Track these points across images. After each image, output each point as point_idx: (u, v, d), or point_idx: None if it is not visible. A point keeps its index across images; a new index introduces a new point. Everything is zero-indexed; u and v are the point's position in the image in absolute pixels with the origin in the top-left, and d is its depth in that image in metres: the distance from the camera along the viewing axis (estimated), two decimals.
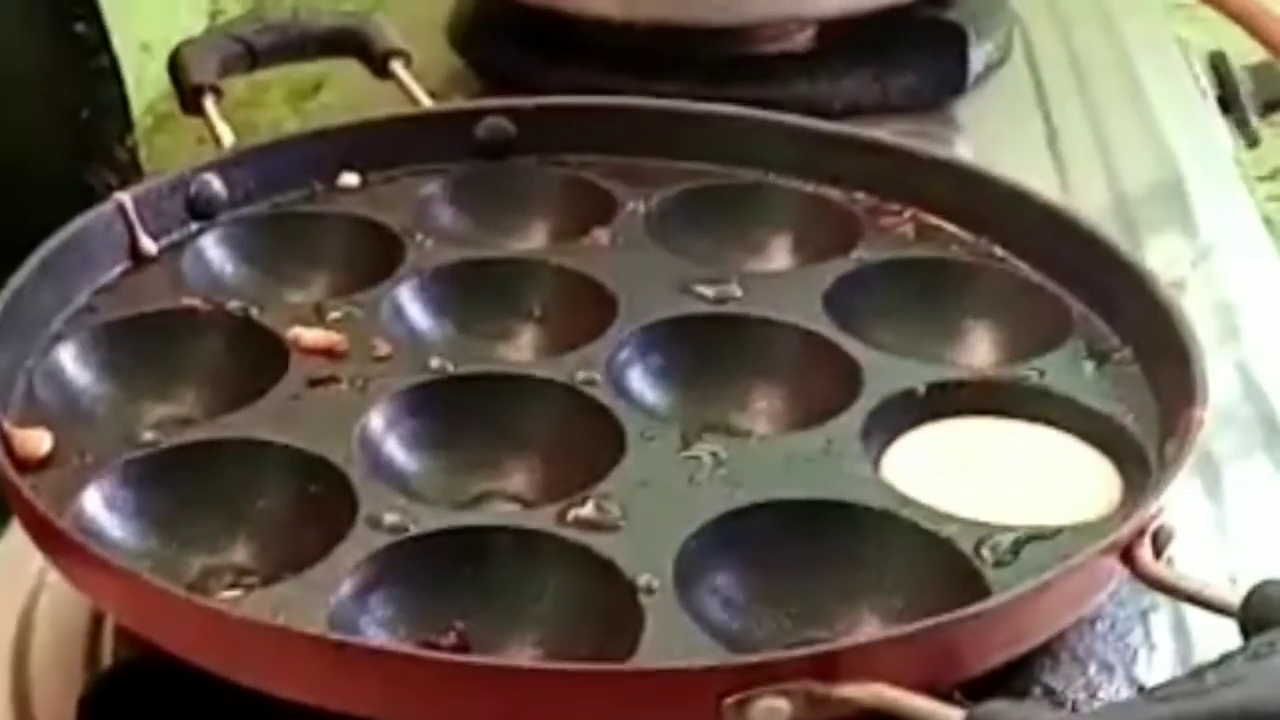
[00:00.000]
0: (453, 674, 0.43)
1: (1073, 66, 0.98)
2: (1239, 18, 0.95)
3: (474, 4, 0.93)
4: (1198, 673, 0.40)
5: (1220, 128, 0.96)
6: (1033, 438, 0.56)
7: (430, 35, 0.92)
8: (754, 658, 0.44)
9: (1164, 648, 0.54)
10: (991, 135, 0.89)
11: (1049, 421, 0.56)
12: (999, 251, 0.64)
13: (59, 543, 0.49)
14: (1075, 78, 0.97)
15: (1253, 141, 0.99)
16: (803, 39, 0.91)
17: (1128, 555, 0.47)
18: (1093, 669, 0.52)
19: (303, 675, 0.45)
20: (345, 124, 0.71)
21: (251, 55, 0.74)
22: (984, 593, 0.48)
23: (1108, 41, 1.01)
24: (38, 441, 0.53)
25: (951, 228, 0.65)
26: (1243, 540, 0.62)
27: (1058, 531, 0.50)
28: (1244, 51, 1.00)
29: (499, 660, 0.43)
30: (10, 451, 0.52)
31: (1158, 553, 0.48)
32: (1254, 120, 0.98)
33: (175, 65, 0.72)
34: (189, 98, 0.71)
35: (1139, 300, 0.58)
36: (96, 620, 0.56)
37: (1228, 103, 0.98)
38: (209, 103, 0.70)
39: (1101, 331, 0.59)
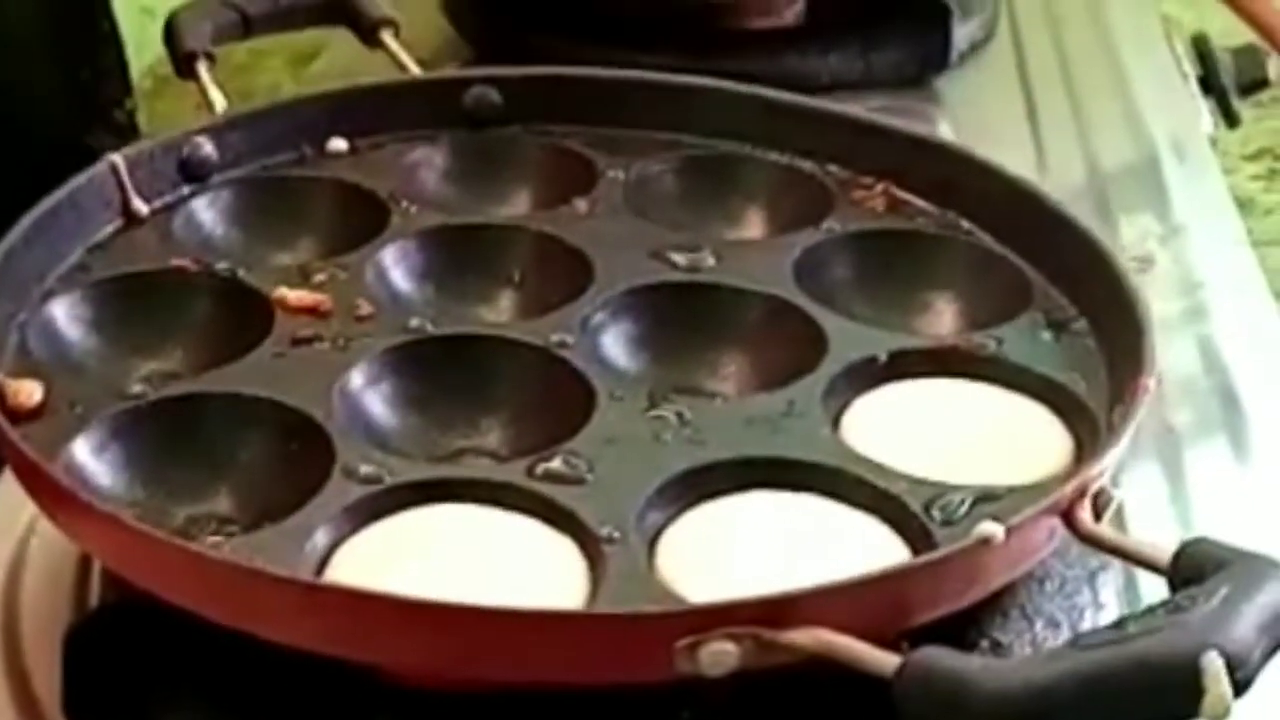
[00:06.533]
0: (417, 614, 0.45)
1: (1056, 46, 1.00)
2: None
3: None
4: (1120, 623, 0.42)
5: (1200, 109, 0.98)
6: (990, 401, 0.58)
7: (423, 3, 0.94)
8: (704, 603, 0.46)
9: (1110, 608, 0.55)
10: (973, 112, 0.91)
11: (1006, 387, 0.58)
12: (965, 224, 0.66)
13: (47, 488, 0.51)
14: (1058, 57, 0.99)
15: (1233, 122, 1.01)
16: (790, 13, 0.93)
17: (1069, 515, 0.49)
18: (1039, 626, 0.54)
19: (276, 615, 0.47)
20: (334, 90, 0.72)
21: (245, 23, 0.76)
22: (933, 550, 0.50)
23: (1092, 21, 1.03)
24: (29, 392, 0.55)
25: (921, 201, 0.67)
26: (1199, 514, 0.64)
27: (1006, 492, 0.52)
28: (1229, 32, 1.02)
29: (460, 601, 0.45)
30: (3, 401, 0.54)
31: (1098, 514, 0.50)
32: (1234, 101, 1.00)
33: (170, 31, 0.74)
34: (183, 64, 0.73)
35: (1097, 273, 0.60)
36: (84, 565, 0.58)
37: (1209, 84, 1.00)
38: (202, 69, 0.72)
39: (1060, 303, 0.61)
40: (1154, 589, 0.54)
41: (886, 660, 0.43)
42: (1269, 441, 0.68)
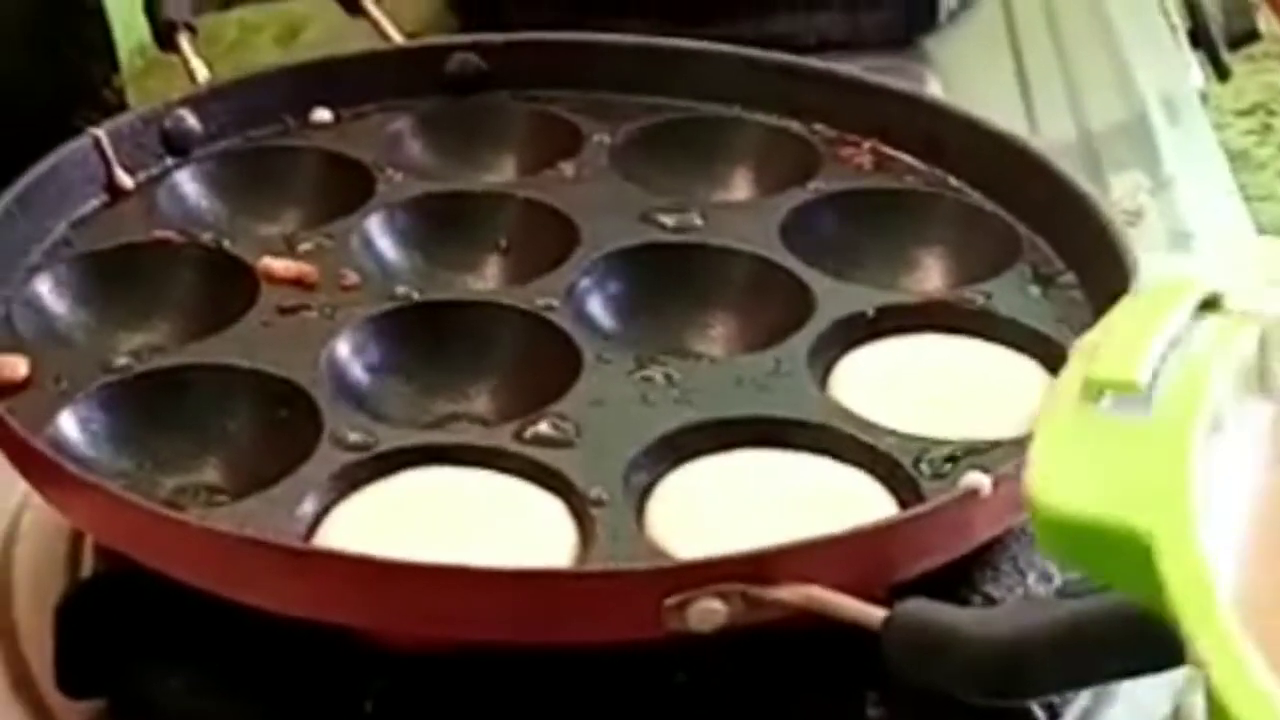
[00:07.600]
0: (406, 576, 0.45)
1: (1044, 3, 0.99)
2: None
3: None
4: None
5: (1189, 63, 0.97)
6: (978, 356, 0.57)
7: None
8: (692, 560, 0.46)
9: None
10: (962, 72, 0.91)
11: (994, 341, 0.58)
12: (953, 181, 0.65)
13: (34, 462, 0.51)
14: (1046, 14, 0.98)
15: (1224, 75, 1.00)
16: None
17: None
18: (1032, 579, 0.53)
19: (266, 582, 0.47)
20: (317, 60, 0.72)
21: None
22: (921, 504, 0.50)
23: None
24: (14, 367, 0.55)
25: (908, 158, 0.67)
26: None
27: (993, 445, 0.52)
28: None
29: (450, 562, 0.45)
30: None
31: None
32: (1224, 55, 0.99)
33: (150, 2, 0.74)
34: (164, 34, 0.73)
35: (1084, 225, 0.60)
36: (77, 538, 0.58)
37: (1198, 37, 0.99)
38: (183, 40, 0.72)
39: (1048, 256, 0.61)
40: None
41: (873, 613, 0.43)
42: None
